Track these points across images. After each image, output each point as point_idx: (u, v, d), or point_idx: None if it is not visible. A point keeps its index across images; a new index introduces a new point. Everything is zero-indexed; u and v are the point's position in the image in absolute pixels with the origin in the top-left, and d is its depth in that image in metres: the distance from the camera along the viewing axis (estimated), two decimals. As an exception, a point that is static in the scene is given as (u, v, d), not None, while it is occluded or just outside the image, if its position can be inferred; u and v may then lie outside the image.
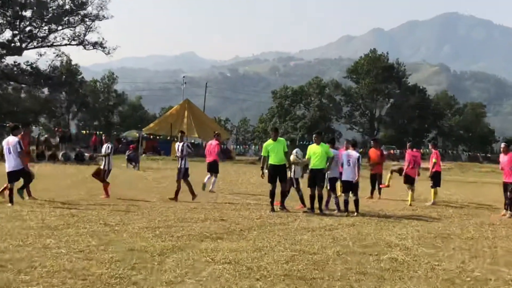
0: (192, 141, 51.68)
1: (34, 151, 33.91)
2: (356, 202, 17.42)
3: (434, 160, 22.57)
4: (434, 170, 22.39)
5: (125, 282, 7.96)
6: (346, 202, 17.52)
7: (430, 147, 24.89)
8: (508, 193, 19.67)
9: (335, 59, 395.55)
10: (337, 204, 17.98)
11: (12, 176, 16.30)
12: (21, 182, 16.82)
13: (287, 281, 8.38)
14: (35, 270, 8.34)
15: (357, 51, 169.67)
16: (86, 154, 42.56)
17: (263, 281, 8.29)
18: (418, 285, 8.64)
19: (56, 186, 20.20)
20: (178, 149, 19.71)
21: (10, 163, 16.50)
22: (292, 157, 17.94)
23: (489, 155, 76.54)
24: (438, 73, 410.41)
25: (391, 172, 25.01)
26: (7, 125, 20.79)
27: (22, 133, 18.83)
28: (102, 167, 19.54)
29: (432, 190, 22.26)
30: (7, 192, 17.15)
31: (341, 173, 18.28)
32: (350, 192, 17.74)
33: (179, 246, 10.95)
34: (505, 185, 19.75)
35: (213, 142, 23.75)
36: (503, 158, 19.91)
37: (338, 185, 19.48)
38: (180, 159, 19.49)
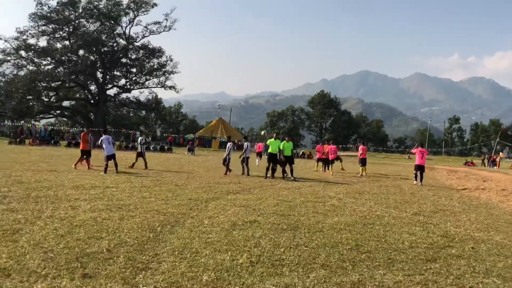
0: (222, 140, 64.12)
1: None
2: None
3: (361, 151, 25.00)
4: (362, 156, 24.61)
5: (186, 216, 9.07)
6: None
7: (360, 144, 27.46)
8: (415, 170, 21.63)
9: (302, 95, 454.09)
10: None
11: (111, 157, 17.97)
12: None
13: (275, 216, 9.62)
14: (137, 210, 9.42)
15: (313, 91, 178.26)
16: (165, 147, 50.19)
17: (262, 216, 9.54)
18: (346, 218, 9.85)
19: (152, 164, 20.84)
20: (228, 146, 20.88)
21: (109, 150, 18.07)
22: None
23: (385, 149, 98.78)
24: (358, 103, 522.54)
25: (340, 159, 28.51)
26: (106, 129, 21.94)
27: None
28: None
29: (361, 167, 24.36)
30: (81, 165, 19.25)
31: None
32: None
33: (215, 197, 12.25)
34: (416, 166, 21.36)
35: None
36: (415, 150, 22.08)
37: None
38: (228, 151, 20.38)
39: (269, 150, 19.47)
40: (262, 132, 17.09)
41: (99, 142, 18.75)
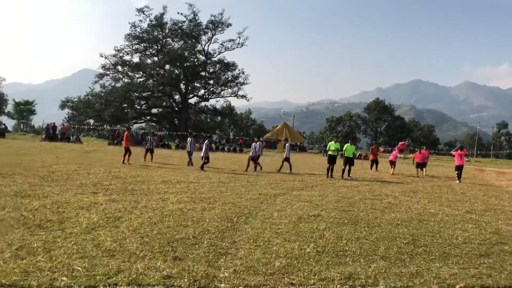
0: (291, 143, 60.67)
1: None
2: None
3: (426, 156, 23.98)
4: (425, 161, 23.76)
5: (258, 209, 9.15)
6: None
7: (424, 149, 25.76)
8: (455, 170, 21.54)
9: (358, 103, 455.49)
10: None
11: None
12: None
13: (336, 211, 9.49)
14: (216, 203, 9.54)
15: (369, 98, 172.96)
16: (237, 148, 52.52)
17: (324, 211, 9.44)
18: (402, 214, 9.54)
19: (227, 163, 21.19)
20: (285, 147, 21.33)
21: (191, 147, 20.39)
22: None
23: (436, 151, 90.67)
24: (410, 110, 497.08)
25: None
26: (191, 132, 22.51)
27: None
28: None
29: (423, 169, 23.57)
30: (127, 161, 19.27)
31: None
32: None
33: (282, 193, 12.24)
34: (456, 166, 21.25)
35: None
36: (455, 152, 22.10)
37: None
38: (286, 152, 20.58)
39: (329, 152, 19.27)
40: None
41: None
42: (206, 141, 19.62)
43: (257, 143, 20.48)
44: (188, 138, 21.69)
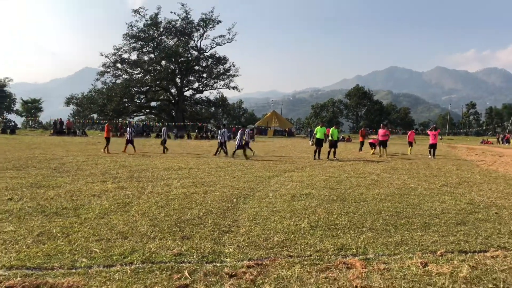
0: (275, 128, 67.41)
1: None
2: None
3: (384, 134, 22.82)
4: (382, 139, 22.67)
5: (255, 190, 9.14)
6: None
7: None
8: (429, 148, 22.10)
9: (340, 89, 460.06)
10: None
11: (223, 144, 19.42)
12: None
13: (326, 189, 9.54)
14: (216, 186, 9.56)
15: (349, 85, 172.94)
16: (231, 136, 49.13)
17: (315, 189, 9.49)
18: (385, 190, 9.62)
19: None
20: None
21: (222, 138, 19.77)
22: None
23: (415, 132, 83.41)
24: (387, 94, 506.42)
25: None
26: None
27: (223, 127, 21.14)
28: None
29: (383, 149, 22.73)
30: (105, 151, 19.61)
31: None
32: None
33: (275, 174, 12.25)
34: (430, 144, 21.87)
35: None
36: (430, 132, 22.46)
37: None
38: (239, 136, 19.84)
39: (316, 136, 19.32)
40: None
41: (219, 134, 20.05)
42: (239, 131, 19.18)
43: (223, 129, 20.17)
44: (219, 130, 20.76)
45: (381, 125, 22.80)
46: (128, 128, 21.67)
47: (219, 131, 20.96)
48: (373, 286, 3.79)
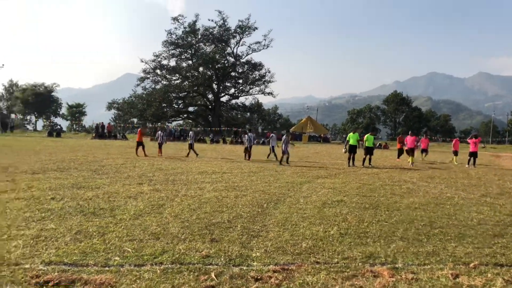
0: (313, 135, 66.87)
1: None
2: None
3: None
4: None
5: (286, 196, 9.18)
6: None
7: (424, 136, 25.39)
8: (469, 156, 21.51)
9: (377, 95, 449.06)
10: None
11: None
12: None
13: (358, 196, 9.42)
14: (248, 191, 9.65)
15: (387, 91, 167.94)
16: (265, 141, 50.55)
17: (347, 196, 9.38)
18: (420, 199, 9.37)
19: (256, 155, 21.00)
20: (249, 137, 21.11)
21: (250, 143, 20.50)
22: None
23: (452, 140, 77.84)
24: (427, 101, 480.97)
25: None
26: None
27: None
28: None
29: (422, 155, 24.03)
30: (139, 153, 20.21)
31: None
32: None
33: (308, 180, 12.23)
34: (470, 153, 21.52)
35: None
36: (470, 140, 22.08)
37: None
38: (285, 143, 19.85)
39: (350, 142, 19.00)
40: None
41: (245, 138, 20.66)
42: (284, 136, 19.15)
43: (249, 133, 21.31)
44: (247, 135, 21.06)
45: (409, 132, 23.09)
46: (159, 132, 22.35)
47: (246, 136, 21.27)
48: (400, 296, 3.73)
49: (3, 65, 62.61)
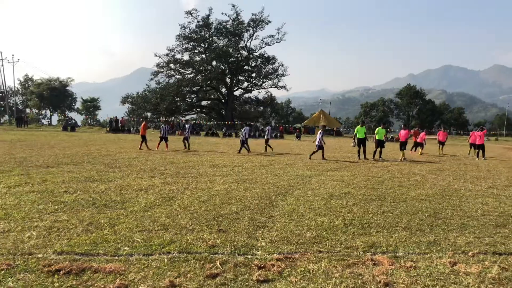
0: (327, 128, 65.64)
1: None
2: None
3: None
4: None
5: (294, 188, 9.29)
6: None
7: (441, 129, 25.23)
8: (475, 149, 21.72)
9: (391, 89, 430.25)
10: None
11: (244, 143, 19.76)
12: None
13: (366, 189, 9.49)
14: (257, 183, 9.79)
15: (401, 84, 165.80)
16: (278, 134, 52.29)
17: (355, 188, 9.46)
18: (427, 191, 9.41)
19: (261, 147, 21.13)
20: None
21: (243, 136, 20.10)
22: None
23: (466, 132, 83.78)
24: (441, 94, 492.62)
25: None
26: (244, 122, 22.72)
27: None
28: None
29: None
30: (142, 147, 20.16)
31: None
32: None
33: (317, 173, 12.28)
34: (477, 146, 21.52)
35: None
36: (479, 133, 21.83)
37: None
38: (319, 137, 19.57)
39: (358, 136, 18.93)
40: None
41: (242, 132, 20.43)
42: (319, 132, 18.58)
43: (267, 127, 22.14)
44: (243, 128, 20.95)
45: (402, 125, 23.31)
46: (162, 125, 22.10)
47: (266, 129, 21.30)
48: (397, 282, 3.83)
49: (18, 59, 63.80)
